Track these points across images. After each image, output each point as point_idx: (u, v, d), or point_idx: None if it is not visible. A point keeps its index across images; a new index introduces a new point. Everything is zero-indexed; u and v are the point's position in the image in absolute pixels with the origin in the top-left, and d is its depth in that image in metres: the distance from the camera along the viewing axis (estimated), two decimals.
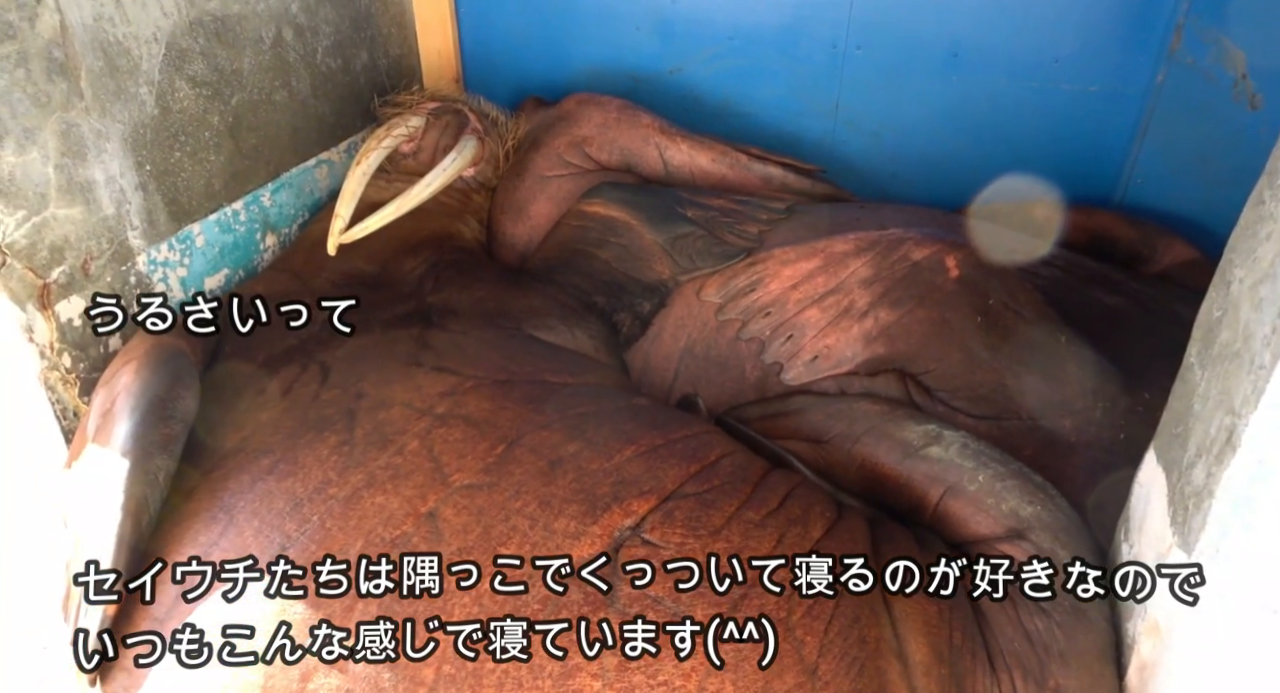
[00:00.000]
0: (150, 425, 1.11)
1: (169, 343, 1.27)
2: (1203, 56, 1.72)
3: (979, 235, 1.70)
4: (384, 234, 1.78)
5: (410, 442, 1.11)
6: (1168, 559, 0.91)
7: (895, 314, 1.40)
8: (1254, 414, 0.76)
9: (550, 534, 1.00)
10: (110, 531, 1.01)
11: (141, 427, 1.11)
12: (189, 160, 1.62)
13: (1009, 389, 1.34)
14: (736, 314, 1.55)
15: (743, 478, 1.14)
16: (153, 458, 1.09)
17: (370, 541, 0.99)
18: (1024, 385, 1.34)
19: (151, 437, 1.10)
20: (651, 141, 1.96)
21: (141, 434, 1.10)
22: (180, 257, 1.64)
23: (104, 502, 1.04)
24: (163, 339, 1.28)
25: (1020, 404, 1.33)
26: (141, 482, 1.06)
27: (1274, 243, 0.77)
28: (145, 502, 1.05)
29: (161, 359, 1.22)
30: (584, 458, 1.11)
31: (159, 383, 1.18)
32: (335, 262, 1.74)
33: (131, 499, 1.04)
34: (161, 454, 1.10)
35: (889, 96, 2.07)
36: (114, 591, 0.97)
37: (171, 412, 1.15)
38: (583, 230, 1.82)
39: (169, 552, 1.04)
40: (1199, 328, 0.95)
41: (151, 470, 1.08)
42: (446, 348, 1.34)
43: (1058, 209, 1.85)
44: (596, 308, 1.63)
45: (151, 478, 1.07)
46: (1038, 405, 1.33)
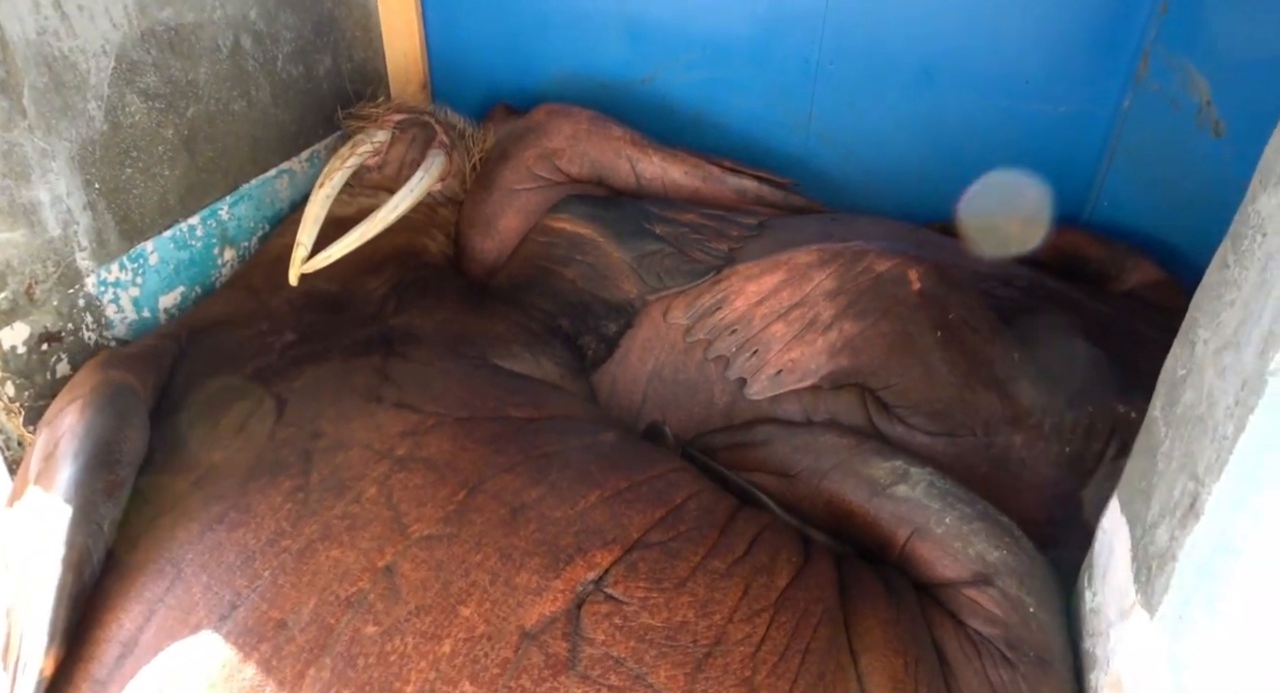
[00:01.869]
0: (94, 472, 1.07)
1: (116, 378, 1.22)
2: (1169, 83, 1.72)
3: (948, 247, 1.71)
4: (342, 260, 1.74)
5: (368, 488, 1.08)
6: (1130, 617, 0.91)
7: (859, 326, 1.41)
8: (1217, 485, 0.76)
9: (511, 590, 0.97)
10: (51, 584, 0.97)
11: (85, 473, 1.07)
12: (141, 176, 1.56)
13: (965, 405, 1.36)
14: (704, 334, 1.53)
15: (709, 523, 1.12)
16: (96, 507, 1.05)
17: (324, 599, 0.95)
18: (979, 402, 1.35)
19: (96, 484, 1.06)
20: (623, 154, 1.93)
21: (85, 481, 1.06)
22: (132, 276, 1.58)
23: (45, 553, 0.99)
24: (110, 374, 1.22)
25: (975, 421, 1.35)
26: (84, 533, 1.02)
27: (1238, 310, 0.77)
28: (88, 553, 1.01)
29: (107, 397, 1.17)
30: (547, 504, 1.08)
31: (104, 424, 1.13)
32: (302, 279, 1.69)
33: (73, 551, 1.00)
34: (106, 502, 1.06)
35: (862, 111, 2.06)
36: (52, 650, 0.93)
37: (117, 456, 1.10)
38: (549, 247, 1.79)
39: (115, 605, 1.00)
40: (1163, 383, 0.95)
41: (95, 520, 1.04)
42: (408, 381, 1.30)
43: (1035, 224, 1.87)
44: (561, 332, 1.61)
45: (95, 528, 1.03)
46: (991, 422, 1.35)
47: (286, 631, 0.93)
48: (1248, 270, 0.75)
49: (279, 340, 1.48)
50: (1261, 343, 0.70)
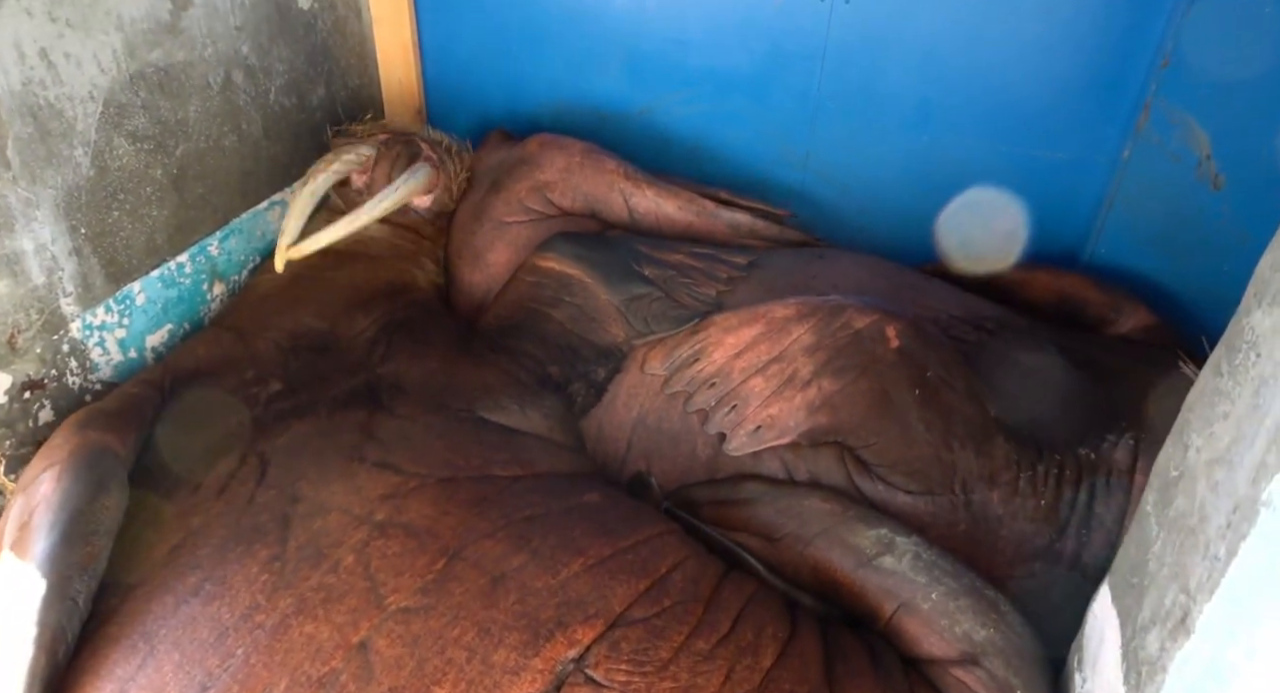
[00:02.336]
0: (70, 545, 1.05)
1: (95, 441, 1.20)
2: (1169, 135, 1.71)
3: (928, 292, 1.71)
4: (335, 285, 1.72)
5: (346, 556, 1.07)
6: None
7: (838, 384, 1.40)
8: (1209, 605, 0.74)
9: (488, 669, 0.96)
10: (23, 666, 0.96)
11: (60, 547, 1.05)
12: (128, 218, 1.55)
13: (942, 464, 1.36)
14: (682, 386, 1.52)
15: (693, 596, 1.11)
16: (71, 582, 1.03)
17: (296, 679, 0.94)
18: (955, 460, 1.36)
19: (71, 558, 1.04)
20: (616, 188, 1.91)
21: (60, 556, 1.04)
22: (119, 318, 1.56)
23: (18, 632, 0.98)
24: (88, 436, 1.20)
25: (952, 479, 1.36)
26: (57, 611, 1.00)
27: (1231, 426, 0.75)
28: (61, 632, 1.00)
29: (85, 464, 1.15)
30: (528, 573, 1.07)
31: (80, 494, 1.11)
32: (281, 318, 1.67)
33: (46, 631, 0.99)
34: (81, 577, 1.05)
35: (859, 149, 2.04)
36: None
37: (94, 527, 1.09)
38: (537, 288, 1.77)
39: (85, 683, 0.98)
40: (1156, 476, 0.93)
41: (70, 595, 1.02)
42: (392, 439, 1.28)
43: (1012, 243, 1.88)
44: (551, 381, 1.59)
45: (70, 605, 1.02)
46: (968, 479, 1.36)
47: None
48: (1241, 387, 0.74)
49: (264, 391, 1.46)
50: (1254, 470, 0.69)
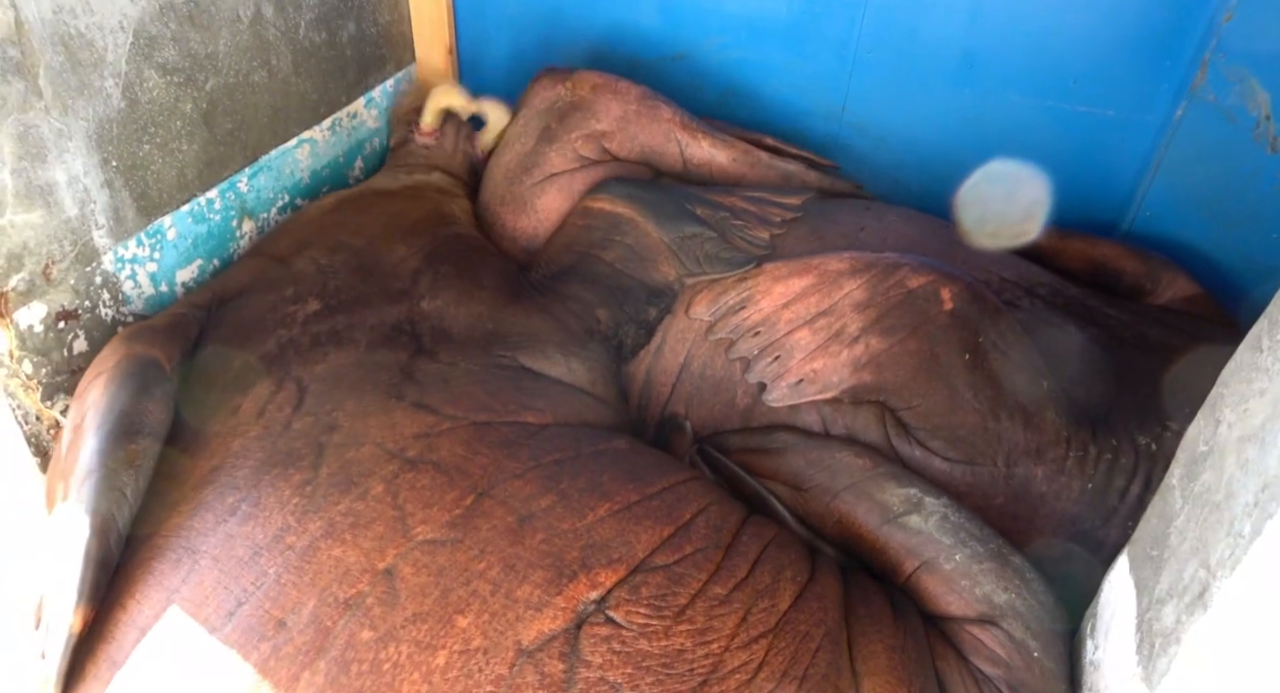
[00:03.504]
0: (116, 442, 1.11)
1: (139, 353, 1.25)
2: (1226, 94, 1.64)
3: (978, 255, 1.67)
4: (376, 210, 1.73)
5: (375, 486, 1.08)
6: (1130, 686, 0.90)
7: (886, 342, 1.37)
8: (1228, 581, 0.74)
9: (512, 603, 0.98)
10: (79, 549, 1.01)
11: (108, 442, 1.11)
12: (159, 152, 1.55)
13: (987, 433, 1.32)
14: (727, 332, 1.50)
15: (715, 543, 1.12)
16: (118, 475, 1.09)
17: (324, 599, 0.97)
18: (1002, 431, 1.32)
19: (118, 453, 1.10)
20: (672, 138, 1.87)
21: (108, 451, 1.10)
22: (150, 251, 1.58)
23: (72, 520, 1.04)
24: (133, 348, 1.26)
25: (996, 450, 1.32)
26: (107, 500, 1.06)
27: (1266, 403, 0.73)
28: (111, 519, 1.06)
29: (129, 371, 1.21)
30: (555, 515, 1.08)
31: (126, 397, 1.17)
32: (321, 237, 1.67)
33: (98, 517, 1.04)
34: (128, 471, 1.10)
35: (898, 102, 1.98)
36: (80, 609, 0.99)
37: (138, 427, 1.15)
38: (587, 230, 1.75)
39: (135, 591, 1.03)
40: (1184, 450, 0.92)
41: (118, 487, 1.08)
42: (430, 381, 1.29)
43: (1033, 218, 1.82)
44: (599, 329, 1.57)
45: (118, 495, 1.07)
46: (1013, 452, 1.32)
47: (286, 631, 0.95)
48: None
49: (302, 310, 1.46)
50: None
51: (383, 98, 2.20)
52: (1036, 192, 1.86)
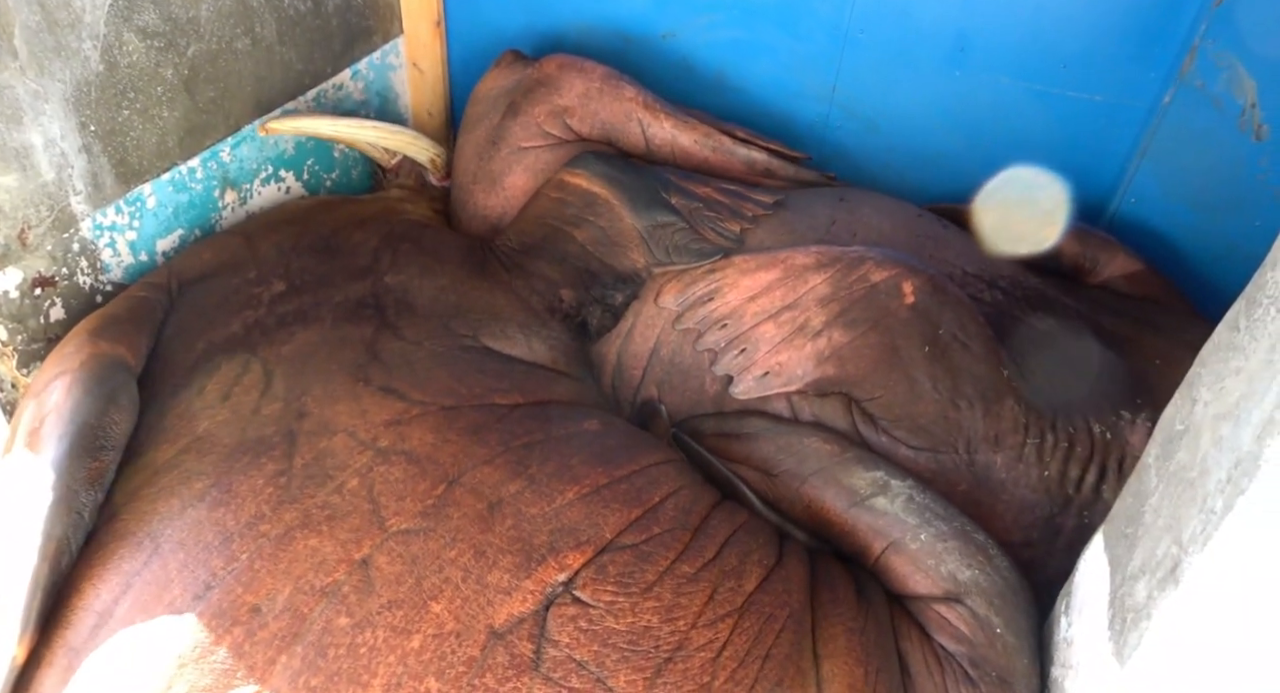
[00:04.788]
0: (78, 458, 1.07)
1: (107, 353, 1.20)
2: (1214, 81, 1.64)
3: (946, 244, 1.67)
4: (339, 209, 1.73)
5: (350, 480, 1.08)
6: (1101, 662, 0.91)
7: (848, 336, 1.39)
8: (1199, 556, 0.74)
9: (483, 588, 0.98)
10: (26, 575, 0.98)
11: (69, 459, 1.07)
12: (139, 118, 1.52)
13: (947, 422, 1.35)
14: (693, 324, 1.52)
15: (683, 524, 1.12)
16: (78, 495, 1.05)
17: (299, 587, 0.96)
18: (962, 420, 1.35)
19: (78, 472, 1.06)
20: (634, 117, 1.87)
21: (68, 468, 1.06)
22: (129, 220, 1.56)
23: (24, 542, 1.00)
24: (99, 346, 1.21)
25: (957, 438, 1.35)
26: (63, 523, 1.02)
27: (1242, 382, 0.74)
28: (66, 543, 1.02)
29: (96, 376, 1.16)
30: (524, 500, 1.08)
31: (91, 407, 1.12)
32: (287, 225, 1.67)
33: (51, 543, 1.00)
34: (88, 490, 1.06)
35: (889, 84, 1.97)
36: (25, 638, 0.96)
37: (103, 441, 1.10)
38: (561, 204, 1.75)
39: (93, 575, 1.01)
40: (1161, 430, 0.92)
41: (76, 508, 1.04)
42: (396, 363, 1.28)
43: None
44: (561, 307, 1.58)
45: (76, 517, 1.04)
46: (973, 440, 1.35)
47: (260, 616, 0.95)
48: (1258, 342, 0.72)
49: (267, 291, 1.45)
50: (1261, 426, 0.67)
51: (369, 70, 2.17)
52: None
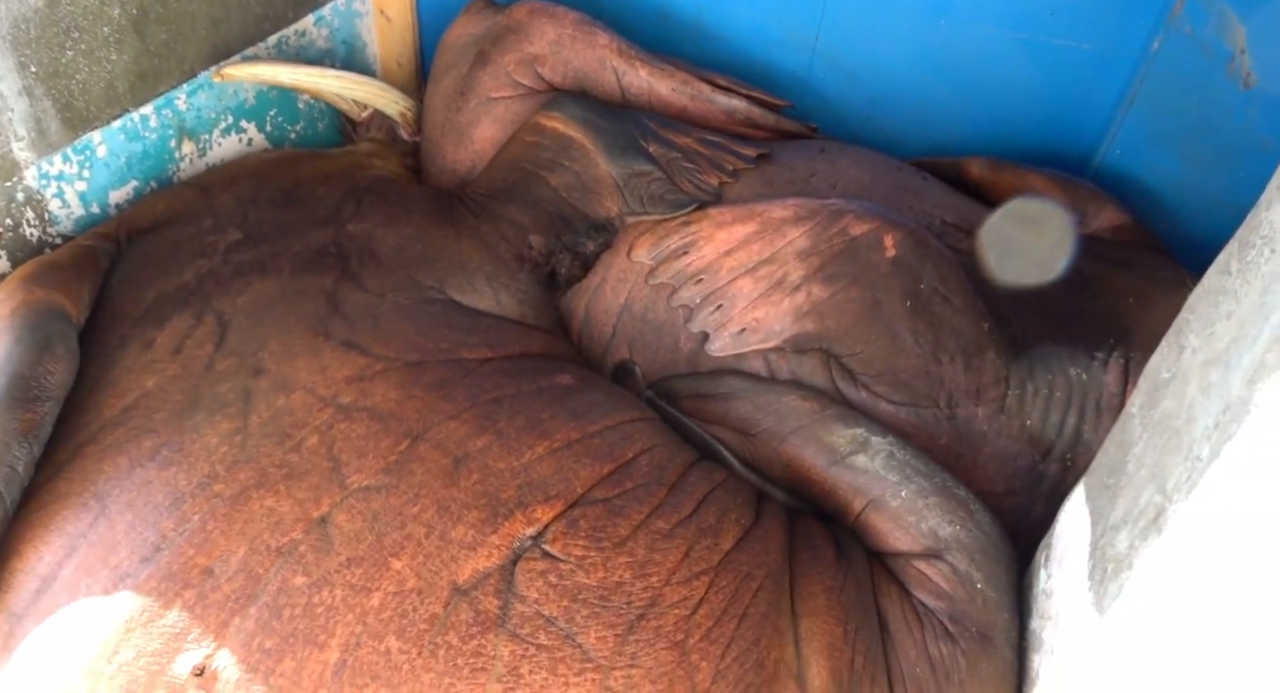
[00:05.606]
0: (8, 409, 1.02)
1: (42, 300, 1.14)
2: (1203, 26, 1.60)
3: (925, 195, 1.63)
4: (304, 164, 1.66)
5: (309, 437, 1.04)
6: (1081, 612, 0.89)
7: (828, 291, 1.37)
8: (1183, 504, 0.72)
9: (446, 544, 0.95)
10: None
11: (0, 411, 1.01)
12: (84, 60, 1.44)
13: (929, 377, 1.34)
14: (668, 278, 1.47)
15: (658, 480, 1.09)
16: (9, 449, 1.00)
17: (254, 548, 0.93)
18: (943, 374, 1.34)
19: (9, 424, 1.01)
20: (608, 65, 1.80)
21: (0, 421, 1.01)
22: (78, 169, 1.49)
23: None
24: (34, 293, 1.15)
25: (938, 393, 1.34)
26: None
27: (1233, 326, 0.71)
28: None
29: (30, 324, 1.10)
30: (491, 454, 1.04)
31: (23, 357, 1.07)
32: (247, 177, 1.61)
33: None
34: (21, 443, 1.01)
35: (872, 33, 1.91)
36: None
37: (38, 391, 1.05)
38: (536, 148, 1.69)
39: (35, 537, 0.97)
40: (1146, 379, 0.90)
41: (8, 461, 0.99)
42: (358, 316, 1.23)
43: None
44: (530, 257, 1.53)
45: (8, 471, 0.99)
46: (954, 394, 1.34)
47: (213, 578, 0.91)
48: (1250, 285, 0.69)
49: (222, 240, 1.39)
50: (1251, 370, 0.65)
51: (333, 17, 2.08)
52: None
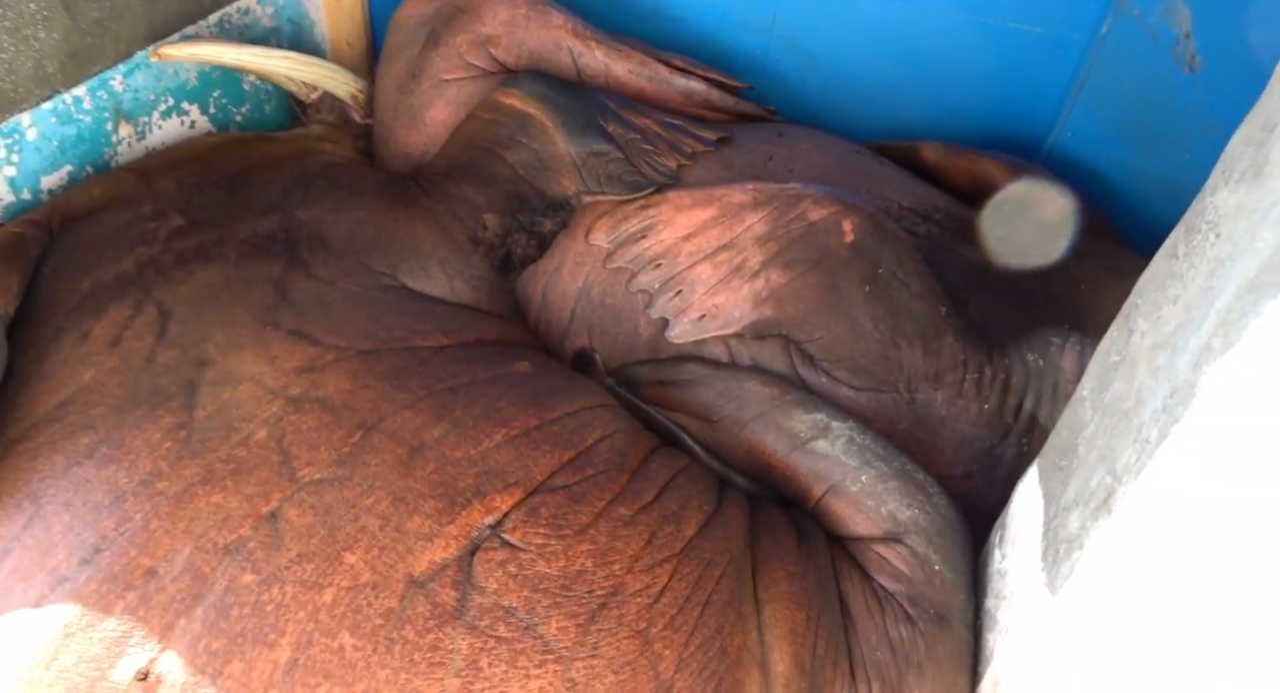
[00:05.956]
0: None
1: None
2: (1151, 9, 1.62)
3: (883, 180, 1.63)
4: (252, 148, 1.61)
5: (258, 431, 1.00)
6: (1033, 592, 0.91)
7: (787, 277, 1.37)
8: (1133, 486, 0.73)
9: (401, 536, 0.93)
10: None
11: None
12: (9, 38, 1.37)
13: (889, 361, 1.35)
14: (626, 263, 1.46)
15: (619, 466, 1.08)
16: None
17: (200, 546, 0.90)
18: (902, 359, 1.35)
19: None
20: (564, 46, 1.77)
21: None
22: (7, 153, 1.42)
23: None
24: None
25: (898, 377, 1.35)
26: None
27: (1179, 310, 0.72)
28: None
29: None
30: (448, 444, 1.02)
31: None
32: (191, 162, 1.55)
33: None
34: None
35: (830, 15, 1.91)
36: None
37: None
38: (493, 125, 1.66)
39: None
40: (1096, 363, 0.91)
41: None
42: (308, 305, 1.20)
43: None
44: (485, 239, 1.50)
45: None
46: (914, 379, 1.35)
47: (157, 579, 0.88)
48: (1196, 269, 0.70)
49: (164, 226, 1.34)
50: (1197, 354, 0.65)
51: None
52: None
